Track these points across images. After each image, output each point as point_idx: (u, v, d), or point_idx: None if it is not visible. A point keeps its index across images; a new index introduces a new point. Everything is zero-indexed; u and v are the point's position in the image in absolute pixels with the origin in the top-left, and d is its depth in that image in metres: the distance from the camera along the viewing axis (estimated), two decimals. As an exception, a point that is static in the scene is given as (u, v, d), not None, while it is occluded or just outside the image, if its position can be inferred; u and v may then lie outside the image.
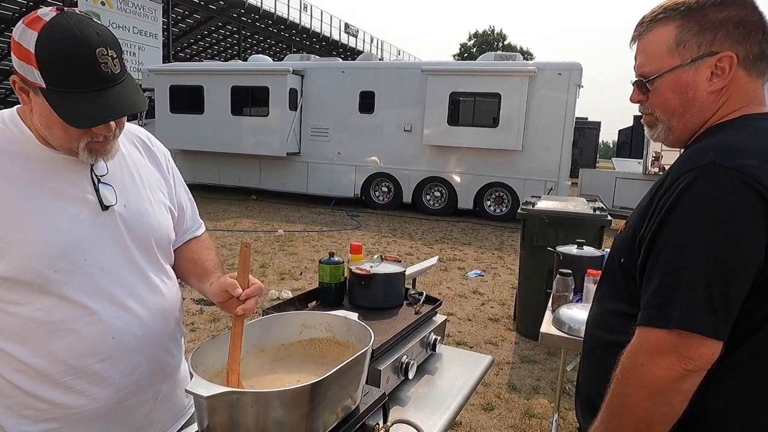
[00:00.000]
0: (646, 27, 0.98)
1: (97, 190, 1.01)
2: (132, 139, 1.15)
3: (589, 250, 2.64)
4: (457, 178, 10.43)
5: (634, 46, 1.01)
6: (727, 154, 0.84)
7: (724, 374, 0.86)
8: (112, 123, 0.94)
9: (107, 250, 1.01)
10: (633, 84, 1.03)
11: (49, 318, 0.94)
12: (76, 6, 15.97)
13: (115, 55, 0.90)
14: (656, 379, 0.83)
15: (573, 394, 3.17)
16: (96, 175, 1.01)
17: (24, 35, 0.86)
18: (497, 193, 10.30)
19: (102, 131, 0.94)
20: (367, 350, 1.07)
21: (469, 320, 4.54)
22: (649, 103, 1.00)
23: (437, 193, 10.71)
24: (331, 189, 11.31)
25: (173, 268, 1.22)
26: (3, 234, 0.90)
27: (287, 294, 4.85)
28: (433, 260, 2.24)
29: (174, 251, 1.23)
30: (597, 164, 21.12)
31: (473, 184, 10.29)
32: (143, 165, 1.14)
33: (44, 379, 0.96)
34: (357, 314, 1.27)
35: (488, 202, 10.38)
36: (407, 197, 10.80)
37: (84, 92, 0.88)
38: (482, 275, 6.08)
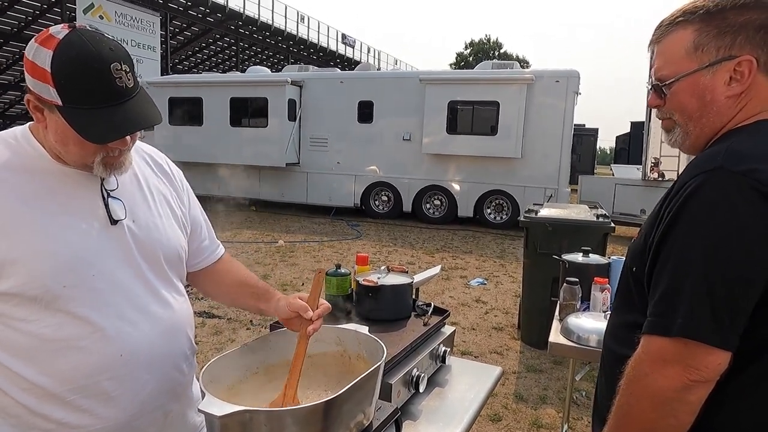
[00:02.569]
0: (664, 30, 0.97)
1: (106, 205, 1.00)
2: (143, 156, 1.14)
3: (595, 258, 2.62)
4: (457, 187, 10.43)
5: (652, 50, 1.00)
6: (735, 159, 0.83)
7: (745, 390, 0.83)
8: (128, 137, 0.94)
9: (116, 265, 0.99)
10: (650, 88, 1.02)
11: (56, 335, 0.93)
12: (74, 20, 16.06)
13: (128, 70, 0.91)
14: (660, 389, 0.81)
15: (581, 403, 3.15)
16: (106, 190, 1.01)
17: (38, 54, 0.86)
18: (497, 201, 10.30)
19: (118, 145, 0.94)
20: (380, 365, 1.06)
21: (473, 329, 4.51)
22: (666, 108, 0.99)
23: (437, 202, 10.71)
24: (331, 199, 11.30)
25: (213, 293, 1.29)
26: (11, 248, 0.89)
27: (289, 305, 4.81)
28: (436, 269, 2.22)
29: (202, 273, 1.25)
30: (595, 171, 21.15)
31: (473, 192, 10.29)
32: (154, 181, 1.13)
33: (51, 398, 0.94)
34: (367, 327, 1.25)
35: (488, 210, 10.37)
36: (407, 206, 10.80)
37: (101, 108, 0.88)
38: (485, 284, 6.05)
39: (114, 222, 1.00)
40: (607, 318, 2.12)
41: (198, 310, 4.73)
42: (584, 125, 21.72)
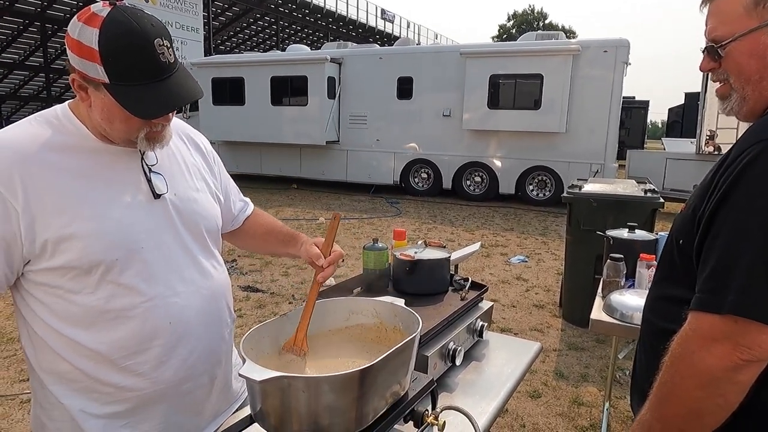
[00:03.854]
0: None
1: (149, 180, 1.03)
2: (177, 132, 1.17)
3: (641, 234, 2.53)
4: (498, 163, 10.24)
5: (705, 9, 0.93)
6: None
7: None
8: (170, 114, 0.97)
9: (161, 237, 1.03)
10: (703, 51, 0.95)
11: (109, 305, 0.97)
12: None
13: (168, 45, 0.92)
14: (708, 368, 0.78)
15: (624, 382, 3.08)
16: (147, 165, 1.04)
17: (84, 33, 0.87)
18: (540, 177, 10.05)
19: (161, 120, 0.97)
20: (415, 336, 1.06)
21: (514, 307, 4.47)
22: (722, 69, 0.92)
23: (477, 179, 10.56)
24: (371, 176, 11.33)
25: (248, 245, 1.38)
26: (64, 226, 0.92)
27: (330, 281, 4.90)
28: (476, 246, 2.20)
29: (235, 233, 1.34)
30: (645, 145, 20.25)
31: (515, 168, 10.08)
32: (189, 156, 1.16)
33: (108, 364, 1.00)
34: (403, 300, 1.26)
35: (531, 187, 10.15)
36: (447, 183, 10.70)
37: (146, 84, 0.90)
38: (526, 261, 5.96)
39: (157, 196, 1.03)
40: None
41: (242, 284, 4.89)
42: (634, 98, 20.75)
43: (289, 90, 11.29)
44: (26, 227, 0.91)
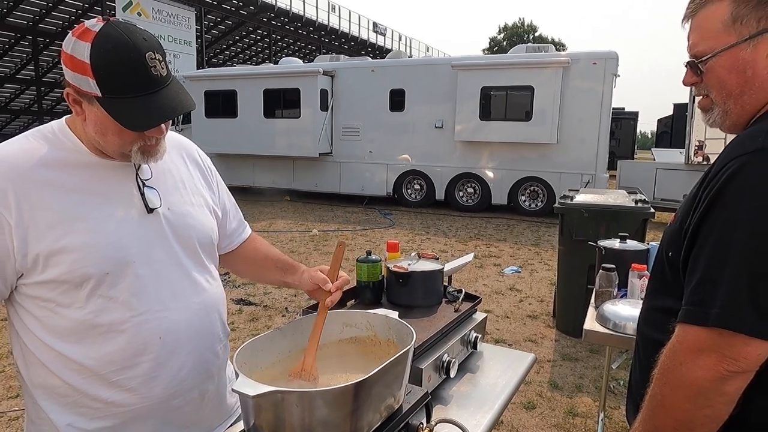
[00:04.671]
0: (699, 3, 0.91)
1: (142, 194, 1.03)
2: (175, 147, 1.17)
3: (632, 244, 2.55)
4: (491, 174, 10.30)
5: (687, 25, 0.95)
6: None
7: None
8: (163, 125, 0.97)
9: (153, 252, 1.03)
10: (686, 65, 0.96)
11: (100, 320, 0.97)
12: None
13: (161, 59, 0.93)
14: (696, 379, 0.79)
15: (618, 392, 3.08)
16: (141, 180, 1.04)
17: (77, 47, 0.89)
18: (532, 188, 10.11)
19: (154, 133, 0.97)
20: (409, 349, 1.06)
21: (507, 317, 4.47)
22: (703, 84, 0.94)
23: (470, 190, 10.60)
24: (364, 188, 11.35)
25: (243, 271, 1.35)
26: (56, 240, 0.93)
27: (323, 293, 4.88)
28: (469, 257, 2.20)
29: (231, 254, 1.31)
30: (635, 156, 20.45)
31: (507, 179, 10.14)
32: (185, 170, 1.17)
33: (97, 379, 0.99)
34: (397, 312, 1.26)
35: (523, 197, 10.20)
36: (440, 194, 10.74)
37: (138, 97, 0.91)
38: (519, 272, 5.97)
39: (150, 210, 1.04)
40: (644, 304, 2.06)
41: (235, 297, 4.86)
42: (624, 109, 21.00)
43: (281, 102, 11.33)
44: (19, 241, 0.92)
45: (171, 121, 1.01)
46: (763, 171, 0.77)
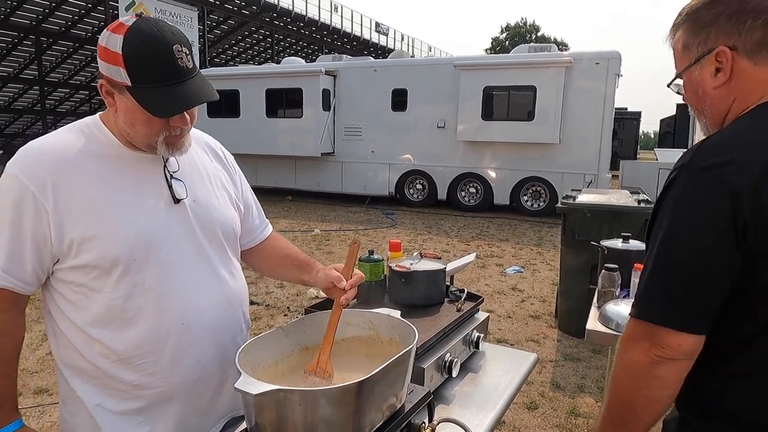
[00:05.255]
0: (671, 32, 1.03)
1: (170, 185, 1.08)
2: (201, 143, 1.24)
3: (635, 244, 2.55)
4: (493, 174, 10.29)
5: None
6: (703, 154, 0.86)
7: (739, 379, 0.89)
8: (187, 116, 1.03)
9: (179, 241, 1.08)
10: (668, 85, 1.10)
11: (126, 305, 1.02)
12: (117, 18, 16.56)
13: (187, 52, 1.00)
14: (633, 363, 0.90)
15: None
16: (169, 171, 1.09)
17: (111, 40, 0.95)
18: (534, 188, 10.10)
19: (179, 123, 1.02)
20: (411, 348, 1.06)
21: (509, 317, 4.46)
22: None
23: (472, 189, 10.60)
24: (366, 188, 11.35)
25: (262, 268, 1.40)
26: (89, 227, 0.99)
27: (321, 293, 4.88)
28: (471, 257, 2.20)
29: (252, 251, 1.36)
30: (637, 156, 20.41)
31: (509, 179, 10.13)
32: (210, 166, 1.22)
33: (123, 363, 1.04)
34: (399, 312, 1.26)
35: (525, 197, 10.19)
36: (442, 194, 10.73)
37: (164, 86, 0.97)
38: (521, 272, 5.97)
39: (177, 201, 1.08)
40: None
41: (237, 297, 4.86)
42: (626, 109, 20.96)
43: (284, 102, 11.34)
44: (56, 227, 0.98)
45: (195, 117, 1.07)
46: (687, 184, 0.86)
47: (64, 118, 29.91)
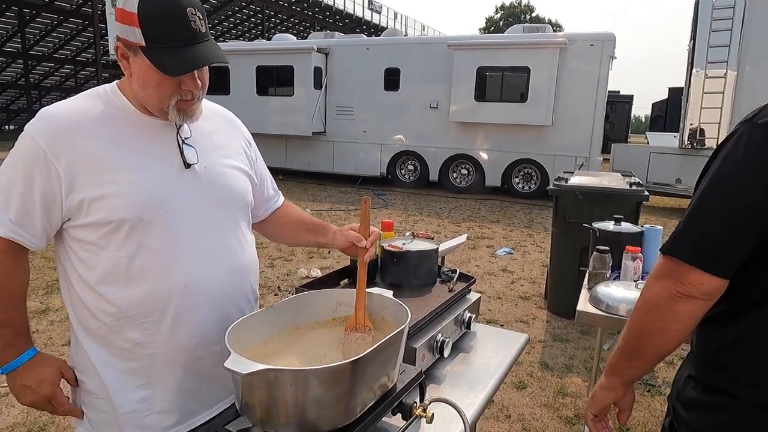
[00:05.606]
0: None
1: (181, 151, 1.10)
2: (217, 115, 1.27)
3: (627, 226, 2.55)
4: (485, 156, 10.27)
5: None
6: (766, 111, 0.88)
7: (747, 338, 0.93)
8: (198, 80, 1.05)
9: (188, 205, 1.09)
10: None
11: (132, 264, 1.05)
12: (103, -11, 16.21)
13: (201, 17, 1.02)
14: (654, 296, 0.96)
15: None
16: (181, 137, 1.11)
17: (128, 1, 0.98)
18: (526, 170, 10.10)
19: (190, 87, 1.04)
20: (404, 328, 1.05)
21: (499, 298, 4.49)
22: None
23: (464, 171, 10.58)
24: (357, 168, 11.29)
25: (277, 235, 1.42)
26: (98, 187, 1.01)
27: (316, 272, 4.89)
28: (462, 238, 2.19)
29: (266, 221, 1.40)
30: (629, 139, 20.46)
31: (501, 161, 10.12)
32: (224, 136, 1.24)
33: (127, 320, 1.07)
34: (392, 292, 1.25)
35: (516, 180, 10.20)
36: (434, 175, 10.71)
37: (177, 47, 0.99)
38: (511, 253, 6.00)
39: (188, 166, 1.10)
40: (639, 288, 2.07)
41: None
42: (618, 92, 20.92)
43: (274, 80, 11.16)
44: (67, 188, 1.01)
45: (207, 83, 1.09)
46: (747, 137, 0.88)
47: (49, 93, 29.32)
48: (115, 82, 1.12)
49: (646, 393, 2.93)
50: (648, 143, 12.93)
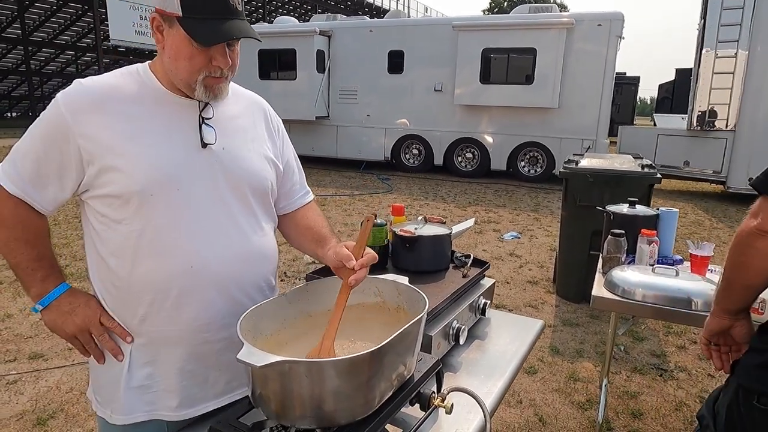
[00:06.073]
0: None
1: (200, 130, 1.09)
2: (246, 99, 1.24)
3: (642, 209, 2.49)
4: (490, 139, 10.16)
5: None
6: None
7: None
8: (229, 59, 1.05)
9: (200, 185, 1.07)
10: None
11: (139, 239, 1.04)
12: (102, -27, 16.00)
13: None
14: (740, 231, 1.04)
15: (620, 358, 3.09)
16: (202, 117, 1.09)
17: None
18: (532, 153, 10.01)
19: (220, 63, 1.04)
20: (423, 316, 1.01)
21: (507, 283, 4.45)
22: None
23: (469, 155, 10.48)
24: (361, 152, 11.21)
25: (289, 236, 1.36)
26: (113, 158, 1.02)
27: (322, 258, 4.85)
28: (470, 222, 2.13)
29: (286, 217, 1.33)
30: (634, 122, 20.22)
31: (506, 144, 10.02)
32: (249, 120, 1.21)
33: (134, 295, 1.07)
34: (407, 278, 1.20)
35: (522, 163, 10.11)
36: (438, 159, 10.62)
37: (212, 19, 1.00)
38: (519, 237, 5.95)
39: (204, 145, 1.08)
40: (655, 272, 2.02)
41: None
42: (625, 74, 20.61)
43: (277, 64, 11.03)
44: (86, 159, 1.02)
45: (237, 64, 1.08)
46: None
47: (50, 79, 29.15)
48: (147, 62, 1.12)
49: (658, 377, 2.90)
50: (654, 125, 12.76)
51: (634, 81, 21.01)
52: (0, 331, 3.33)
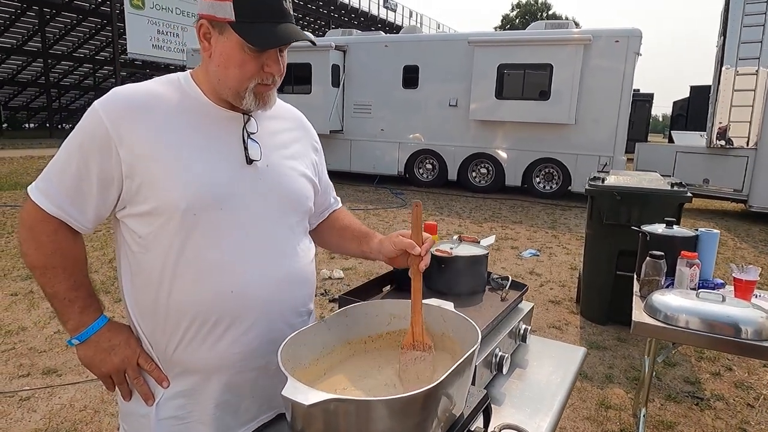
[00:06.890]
0: None
1: (245, 145, 1.03)
2: (287, 113, 1.20)
3: (680, 230, 2.38)
4: (505, 155, 10.08)
5: None
6: None
7: None
8: (281, 65, 1.01)
9: (245, 203, 1.01)
10: None
11: (178, 261, 0.97)
12: (122, -12, 16.30)
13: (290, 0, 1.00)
14: None
15: (652, 385, 2.95)
16: (247, 131, 1.04)
17: None
18: (547, 170, 9.90)
19: (272, 69, 0.99)
20: (476, 347, 0.92)
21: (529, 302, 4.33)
22: None
23: (483, 170, 10.40)
24: (375, 167, 11.17)
25: (325, 242, 1.32)
26: (153, 174, 0.95)
27: (339, 273, 4.77)
28: (491, 239, 2.05)
29: (320, 225, 1.30)
30: (648, 139, 20.05)
31: (522, 160, 9.92)
32: (293, 138, 1.16)
33: (171, 321, 1.00)
34: (452, 304, 1.12)
35: (537, 179, 10.00)
36: (452, 174, 10.55)
37: (268, 22, 0.96)
38: (538, 255, 5.82)
39: (249, 161, 1.03)
40: (700, 296, 1.92)
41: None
42: (639, 90, 20.49)
43: (292, 78, 11.06)
44: (126, 170, 0.96)
45: (284, 69, 1.04)
46: None
47: (68, 92, 29.66)
48: (188, 71, 1.07)
49: (694, 406, 2.76)
50: (670, 141, 12.60)
51: (648, 98, 20.88)
52: (14, 344, 3.28)
